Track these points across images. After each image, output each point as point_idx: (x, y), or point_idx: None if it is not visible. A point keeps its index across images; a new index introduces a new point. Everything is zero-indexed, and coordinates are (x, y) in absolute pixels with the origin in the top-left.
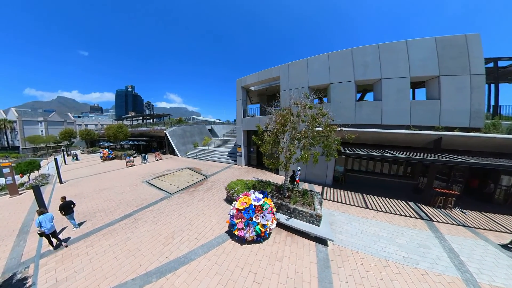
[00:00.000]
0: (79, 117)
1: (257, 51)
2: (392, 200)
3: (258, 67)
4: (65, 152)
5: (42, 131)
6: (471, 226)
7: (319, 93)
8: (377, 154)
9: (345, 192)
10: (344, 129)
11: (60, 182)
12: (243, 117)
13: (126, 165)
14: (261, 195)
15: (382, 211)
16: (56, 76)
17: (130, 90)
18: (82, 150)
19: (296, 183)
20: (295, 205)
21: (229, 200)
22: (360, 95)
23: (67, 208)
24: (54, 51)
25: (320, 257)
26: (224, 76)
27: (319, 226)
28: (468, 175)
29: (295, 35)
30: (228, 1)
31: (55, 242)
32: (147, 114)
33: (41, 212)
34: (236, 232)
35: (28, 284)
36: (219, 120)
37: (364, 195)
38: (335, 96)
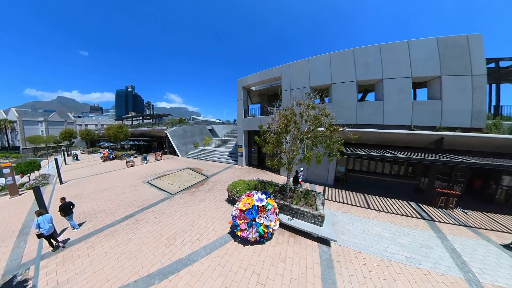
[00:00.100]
0: (79, 117)
1: (257, 51)
2: (393, 200)
3: (259, 67)
4: (65, 152)
5: (42, 131)
6: (472, 226)
7: (321, 93)
8: (378, 154)
9: (346, 192)
10: (347, 129)
11: (61, 182)
12: (244, 117)
13: (127, 165)
14: (264, 196)
15: (384, 211)
16: (56, 76)
17: (130, 90)
18: (82, 150)
19: (299, 184)
20: (298, 205)
21: (230, 200)
22: (361, 95)
23: (67, 209)
24: (54, 51)
25: (323, 257)
26: (224, 76)
27: (321, 226)
28: (470, 175)
29: (295, 35)
30: (229, 1)
31: (55, 243)
32: (147, 114)
33: (40, 213)
34: (239, 233)
35: (28, 286)
36: (219, 120)
37: (366, 195)
38: (336, 96)
